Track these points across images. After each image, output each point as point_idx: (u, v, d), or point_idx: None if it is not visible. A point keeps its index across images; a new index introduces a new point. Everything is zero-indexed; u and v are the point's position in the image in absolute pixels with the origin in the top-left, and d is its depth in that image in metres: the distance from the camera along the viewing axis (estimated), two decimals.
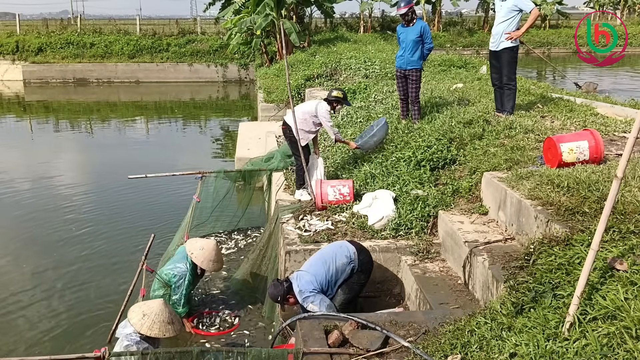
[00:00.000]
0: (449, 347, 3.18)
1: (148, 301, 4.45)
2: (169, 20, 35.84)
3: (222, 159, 13.74)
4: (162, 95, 25.31)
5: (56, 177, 11.70)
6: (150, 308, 4.20)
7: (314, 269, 4.76)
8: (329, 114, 6.68)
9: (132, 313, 4.18)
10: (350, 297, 4.87)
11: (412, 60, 7.36)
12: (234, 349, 3.62)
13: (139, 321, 4.10)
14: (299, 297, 4.67)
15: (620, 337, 2.53)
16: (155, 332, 4.09)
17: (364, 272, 4.88)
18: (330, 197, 6.21)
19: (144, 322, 4.09)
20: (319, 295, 4.62)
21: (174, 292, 5.44)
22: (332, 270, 4.73)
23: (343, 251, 4.83)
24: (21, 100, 24.60)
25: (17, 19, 31.44)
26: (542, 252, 3.50)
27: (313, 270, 4.75)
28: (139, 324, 4.08)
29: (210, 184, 7.51)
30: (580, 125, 6.29)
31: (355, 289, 4.89)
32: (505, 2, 6.79)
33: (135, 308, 4.25)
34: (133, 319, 4.12)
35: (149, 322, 4.09)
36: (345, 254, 4.80)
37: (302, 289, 4.64)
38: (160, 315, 4.15)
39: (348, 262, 4.78)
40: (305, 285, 4.65)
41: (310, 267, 4.82)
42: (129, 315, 4.19)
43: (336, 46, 18.96)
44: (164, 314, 4.18)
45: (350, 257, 4.80)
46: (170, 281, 5.46)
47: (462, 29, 35.09)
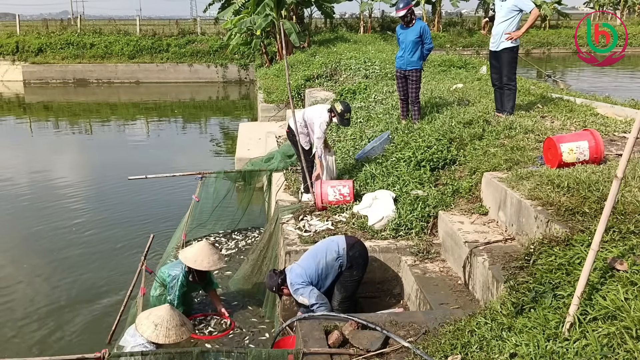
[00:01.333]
0: (449, 347, 3.18)
1: (153, 309, 4.38)
2: (169, 21, 35.86)
3: (222, 159, 13.74)
4: (162, 96, 25.31)
5: (56, 178, 11.70)
6: (160, 317, 4.14)
7: (306, 262, 4.92)
8: (325, 125, 6.48)
9: (143, 326, 4.10)
10: (347, 295, 4.91)
11: (412, 61, 7.36)
12: (234, 350, 3.61)
13: (153, 332, 4.04)
14: (290, 288, 4.86)
15: (620, 337, 2.53)
16: (172, 338, 4.06)
17: (355, 268, 4.90)
18: (331, 198, 6.20)
19: (159, 332, 4.04)
20: (308, 287, 4.78)
21: (168, 292, 5.48)
22: (322, 265, 4.86)
23: (333, 246, 4.93)
24: (21, 101, 24.60)
25: (17, 20, 31.46)
26: (542, 252, 3.50)
27: (304, 264, 4.91)
28: (154, 335, 4.02)
29: (210, 185, 7.52)
30: (580, 125, 6.29)
31: (350, 287, 4.92)
32: (505, 2, 6.79)
33: (143, 320, 4.17)
34: (146, 332, 4.05)
35: (164, 331, 4.06)
36: (334, 249, 4.89)
37: (293, 282, 4.83)
38: (172, 320, 4.14)
39: (336, 257, 4.86)
40: (295, 277, 4.83)
41: (302, 261, 4.99)
42: (139, 328, 4.10)
43: (336, 46, 18.96)
44: (174, 318, 4.17)
45: (339, 252, 4.86)
46: (165, 281, 5.50)
47: (462, 29, 35.10)
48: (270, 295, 5.76)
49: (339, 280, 4.91)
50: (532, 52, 34.16)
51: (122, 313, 5.36)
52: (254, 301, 6.08)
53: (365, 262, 5.00)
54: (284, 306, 5.33)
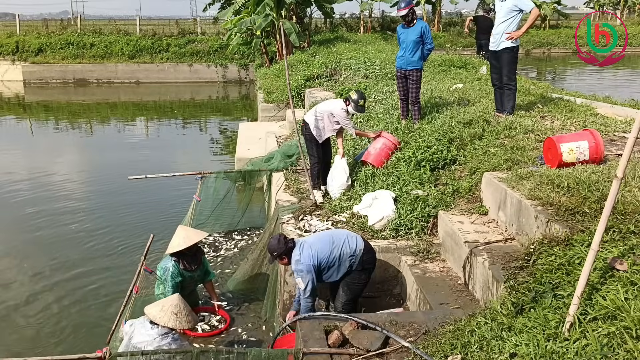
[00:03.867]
0: (449, 347, 3.18)
1: (163, 300, 4.49)
2: (168, 21, 35.82)
3: (222, 159, 13.74)
4: (162, 96, 25.30)
5: (56, 178, 11.69)
6: (176, 306, 4.30)
7: (320, 245, 4.71)
8: (344, 112, 6.67)
9: (164, 317, 4.22)
10: (352, 297, 4.86)
11: (412, 61, 7.37)
12: (234, 349, 3.62)
13: (177, 321, 4.20)
14: (293, 264, 4.67)
15: (620, 337, 2.53)
16: (192, 323, 4.33)
17: (365, 272, 4.84)
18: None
19: (182, 319, 4.23)
20: (310, 275, 4.59)
21: (164, 285, 5.51)
22: (335, 254, 4.68)
23: (352, 242, 4.77)
24: (21, 101, 24.60)
25: (17, 20, 31.41)
26: (542, 252, 3.50)
27: (318, 247, 4.70)
28: (178, 323, 4.19)
29: (210, 185, 7.52)
30: (580, 125, 6.29)
31: (356, 290, 4.87)
32: (505, 2, 6.78)
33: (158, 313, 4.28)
34: (170, 322, 4.18)
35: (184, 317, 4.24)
36: (352, 246, 4.75)
37: (300, 259, 4.62)
38: (186, 307, 4.32)
39: (350, 254, 4.73)
40: (305, 258, 4.62)
41: (316, 241, 4.77)
42: (160, 320, 4.20)
43: (336, 46, 18.95)
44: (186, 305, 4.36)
45: (355, 252, 4.74)
46: (161, 275, 5.55)
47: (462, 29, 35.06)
48: (270, 295, 5.76)
49: (346, 280, 4.79)
50: (532, 52, 34.16)
51: (122, 313, 5.35)
52: (254, 301, 6.08)
53: (373, 268, 4.95)
54: (284, 306, 5.34)
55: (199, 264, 5.67)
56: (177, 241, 5.51)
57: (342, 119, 6.69)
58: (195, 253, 5.63)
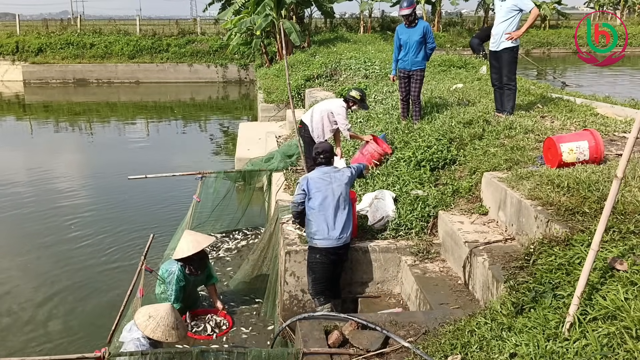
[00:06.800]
0: (449, 347, 3.19)
1: (156, 304, 4.42)
2: (168, 21, 35.80)
3: (222, 159, 13.74)
4: (162, 96, 25.31)
5: (56, 178, 11.70)
6: (157, 311, 4.18)
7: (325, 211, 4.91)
8: (344, 111, 6.74)
9: (139, 314, 4.17)
10: (313, 277, 4.94)
11: (416, 61, 7.40)
12: (234, 350, 3.62)
13: (144, 322, 4.08)
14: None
15: (620, 337, 2.53)
16: (158, 335, 4.05)
17: (318, 252, 4.89)
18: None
19: (149, 323, 4.07)
20: (301, 191, 5.00)
21: (167, 287, 5.51)
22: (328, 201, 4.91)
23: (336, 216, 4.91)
24: (21, 101, 24.59)
25: (17, 20, 31.40)
26: (542, 252, 3.50)
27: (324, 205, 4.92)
28: (143, 325, 4.07)
29: (210, 185, 7.52)
30: (580, 125, 6.29)
31: (316, 270, 4.93)
32: (505, 2, 6.78)
33: (142, 310, 4.23)
34: (138, 319, 4.10)
35: (153, 325, 4.06)
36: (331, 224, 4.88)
37: (303, 183, 5.03)
38: (166, 319, 4.12)
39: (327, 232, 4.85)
40: (316, 171, 5.10)
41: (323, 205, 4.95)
42: (135, 315, 4.17)
43: (336, 46, 18.96)
44: (169, 319, 4.14)
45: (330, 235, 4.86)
46: (163, 276, 5.55)
47: (462, 29, 35.07)
48: (270, 295, 5.76)
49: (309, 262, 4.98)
50: (532, 52, 34.12)
51: (122, 313, 5.35)
52: (254, 301, 6.08)
53: (335, 257, 4.97)
54: (284, 306, 5.34)
55: (204, 268, 5.68)
56: (186, 246, 5.46)
57: (341, 117, 6.70)
58: (202, 258, 5.63)
